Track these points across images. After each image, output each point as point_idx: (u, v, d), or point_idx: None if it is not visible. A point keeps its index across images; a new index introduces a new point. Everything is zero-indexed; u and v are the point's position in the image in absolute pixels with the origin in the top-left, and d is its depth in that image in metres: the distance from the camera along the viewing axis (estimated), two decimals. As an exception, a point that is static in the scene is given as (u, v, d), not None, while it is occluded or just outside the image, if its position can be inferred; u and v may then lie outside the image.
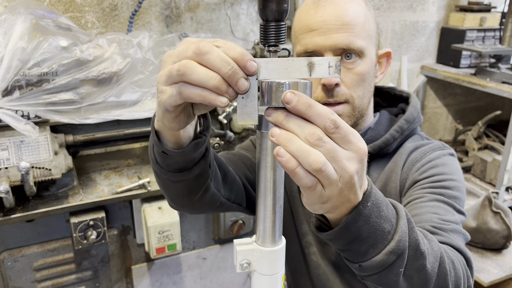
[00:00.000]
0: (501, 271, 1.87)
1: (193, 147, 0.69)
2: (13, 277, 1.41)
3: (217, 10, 1.97)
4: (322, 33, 0.85)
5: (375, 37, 0.90)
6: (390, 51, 0.96)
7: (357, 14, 0.86)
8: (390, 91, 1.06)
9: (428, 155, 0.89)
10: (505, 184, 2.14)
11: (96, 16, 1.76)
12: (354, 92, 0.88)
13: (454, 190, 0.83)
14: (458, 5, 2.55)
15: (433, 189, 0.82)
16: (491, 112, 2.31)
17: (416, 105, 0.97)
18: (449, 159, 0.89)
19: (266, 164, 0.72)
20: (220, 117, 1.41)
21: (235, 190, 0.92)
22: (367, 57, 0.88)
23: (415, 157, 0.90)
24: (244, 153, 1.02)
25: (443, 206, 0.79)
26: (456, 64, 2.46)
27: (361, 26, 0.86)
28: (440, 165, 0.86)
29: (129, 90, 1.31)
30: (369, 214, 0.54)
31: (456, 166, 0.89)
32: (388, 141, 0.92)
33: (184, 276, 1.74)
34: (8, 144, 1.25)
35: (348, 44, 0.84)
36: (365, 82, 0.89)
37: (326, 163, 0.47)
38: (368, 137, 0.95)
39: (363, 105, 0.91)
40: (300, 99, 0.47)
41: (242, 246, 0.79)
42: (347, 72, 0.87)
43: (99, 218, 1.39)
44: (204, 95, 0.50)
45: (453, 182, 0.84)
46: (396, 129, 0.93)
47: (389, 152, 0.94)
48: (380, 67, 0.96)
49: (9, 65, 1.17)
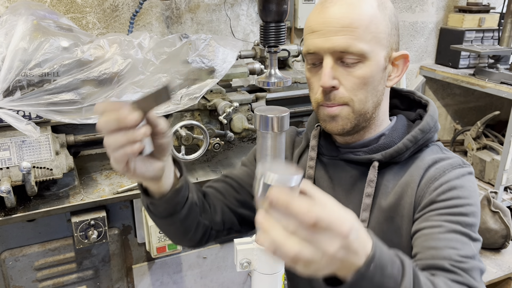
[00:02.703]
0: (500, 271, 1.87)
1: (174, 193, 0.82)
2: (14, 276, 1.42)
3: (217, 11, 1.98)
4: (322, 35, 0.84)
5: (386, 39, 0.87)
6: (407, 53, 0.91)
7: (362, 16, 0.83)
8: (410, 95, 1.02)
9: (448, 173, 0.86)
10: (503, 184, 2.15)
11: (97, 17, 1.77)
12: (354, 96, 0.86)
13: (471, 216, 0.81)
14: (457, 6, 2.56)
15: (450, 216, 0.80)
16: (490, 112, 2.31)
17: (433, 114, 0.93)
18: (468, 179, 0.86)
19: (266, 164, 0.73)
20: (220, 117, 1.42)
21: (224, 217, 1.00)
22: (371, 61, 0.85)
23: (433, 174, 0.86)
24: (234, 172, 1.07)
25: (461, 239, 0.78)
26: (455, 65, 2.47)
27: (364, 29, 0.83)
28: (458, 187, 0.83)
29: (130, 91, 1.32)
30: (372, 275, 0.56)
31: (473, 188, 0.86)
32: (401, 150, 0.90)
33: (185, 275, 1.75)
34: (10, 144, 1.25)
35: (347, 48, 0.83)
36: (367, 85, 0.86)
37: (300, 252, 0.50)
38: (380, 143, 0.92)
39: (366, 109, 0.88)
40: (279, 200, 0.50)
41: (242, 246, 0.80)
42: (347, 75, 0.85)
43: (100, 218, 1.39)
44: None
45: (471, 207, 0.82)
46: (410, 138, 0.90)
47: (401, 160, 0.91)
48: (396, 69, 0.92)
49: (11, 66, 1.17)
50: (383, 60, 0.87)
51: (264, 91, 1.68)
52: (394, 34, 0.89)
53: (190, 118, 1.46)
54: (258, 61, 1.71)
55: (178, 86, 1.37)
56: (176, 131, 1.38)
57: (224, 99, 1.47)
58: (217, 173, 1.56)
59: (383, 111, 0.94)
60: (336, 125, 0.89)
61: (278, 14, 1.03)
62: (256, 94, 1.58)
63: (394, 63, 0.91)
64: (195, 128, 1.42)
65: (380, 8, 0.86)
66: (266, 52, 1.21)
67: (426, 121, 0.91)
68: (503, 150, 2.12)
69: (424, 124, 0.91)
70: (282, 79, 1.25)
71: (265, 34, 1.11)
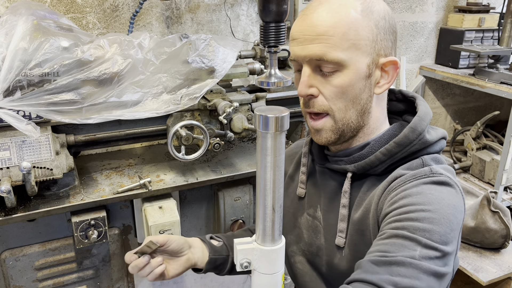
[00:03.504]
0: (499, 271, 1.88)
1: (209, 264, 1.09)
2: (14, 276, 1.42)
3: (218, 11, 1.98)
4: (299, 43, 0.84)
5: (369, 46, 0.82)
6: (396, 59, 0.86)
7: (339, 23, 0.80)
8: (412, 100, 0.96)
9: (407, 183, 0.79)
10: (503, 184, 2.15)
11: (97, 17, 1.77)
12: (333, 105, 0.84)
13: (424, 222, 0.71)
14: (456, 6, 2.56)
15: (396, 223, 0.73)
16: (490, 112, 2.32)
17: (416, 127, 0.84)
18: (430, 188, 0.77)
19: (266, 164, 0.73)
20: (220, 117, 1.42)
21: None
22: (349, 69, 0.82)
23: (393, 185, 0.81)
24: None
25: (400, 242, 0.70)
26: (455, 65, 2.47)
27: (341, 36, 0.80)
28: (413, 194, 0.76)
29: (130, 91, 1.32)
30: None
31: (437, 195, 0.76)
32: (373, 164, 0.85)
33: (185, 275, 1.75)
34: (10, 144, 1.25)
35: (322, 56, 0.81)
36: (346, 94, 0.83)
37: None
38: (360, 154, 0.88)
39: (348, 118, 0.85)
40: None
41: (242, 246, 0.80)
42: (326, 84, 0.84)
43: (100, 218, 1.39)
44: None
45: (425, 213, 0.72)
46: (383, 151, 0.85)
47: (377, 173, 0.87)
48: (386, 75, 0.87)
49: (11, 66, 1.17)
50: (365, 67, 0.83)
51: (264, 91, 1.68)
52: (383, 39, 0.84)
53: (190, 118, 1.46)
54: (258, 61, 1.71)
55: (178, 86, 1.38)
56: (176, 131, 1.38)
57: (224, 99, 1.47)
58: (217, 173, 1.57)
59: (375, 119, 0.90)
60: (320, 138, 0.89)
61: (278, 14, 1.03)
62: (256, 94, 1.58)
63: (384, 69, 0.86)
64: (195, 128, 1.42)
65: (364, 14, 0.82)
66: (266, 52, 1.22)
67: (404, 134, 0.84)
68: (502, 150, 2.12)
69: (401, 137, 0.84)
70: (282, 79, 1.25)
71: (265, 34, 1.11)
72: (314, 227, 0.98)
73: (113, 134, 1.47)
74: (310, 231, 0.98)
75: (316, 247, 0.97)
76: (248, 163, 1.65)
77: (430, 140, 0.85)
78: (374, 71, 0.85)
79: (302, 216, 1.01)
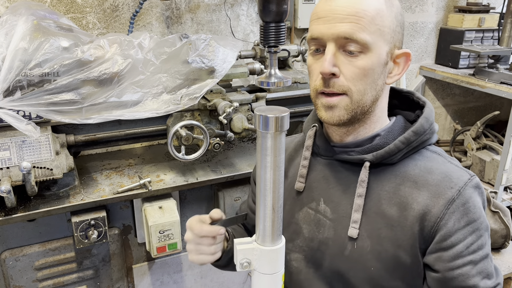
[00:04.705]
0: (499, 271, 1.88)
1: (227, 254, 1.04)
2: (14, 276, 1.42)
3: (217, 11, 1.98)
4: (327, 21, 0.85)
5: (389, 35, 0.87)
6: (409, 52, 0.91)
7: (369, 7, 0.84)
8: (409, 96, 1.02)
9: (462, 194, 0.86)
10: (503, 184, 2.15)
11: (97, 17, 1.77)
12: (353, 86, 0.86)
13: (484, 241, 0.86)
14: (457, 6, 2.56)
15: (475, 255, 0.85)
16: (490, 112, 2.32)
17: (429, 116, 0.92)
18: (478, 201, 0.88)
19: (266, 164, 0.73)
20: (220, 117, 1.42)
21: None
22: (373, 53, 0.85)
23: (450, 196, 0.85)
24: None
25: (481, 266, 0.85)
26: (455, 65, 2.48)
27: (369, 20, 0.83)
28: (477, 219, 0.86)
29: (130, 91, 1.32)
30: None
31: (481, 206, 0.89)
32: (392, 152, 0.89)
33: (185, 275, 1.75)
34: (10, 144, 1.25)
35: (351, 34, 0.83)
36: (367, 77, 0.86)
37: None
38: (374, 144, 0.92)
39: (365, 101, 0.88)
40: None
41: (242, 245, 0.80)
42: (348, 64, 0.85)
43: (100, 218, 1.39)
44: None
45: (485, 238, 0.87)
46: (402, 140, 0.89)
47: (393, 162, 0.91)
48: (397, 67, 0.91)
49: (11, 66, 1.17)
50: (385, 54, 0.87)
51: (264, 91, 1.68)
52: (399, 32, 0.89)
53: (190, 118, 1.46)
54: (258, 61, 1.71)
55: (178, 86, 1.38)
56: (176, 131, 1.38)
57: (224, 99, 1.47)
58: (217, 173, 1.57)
59: (381, 109, 0.94)
60: (332, 115, 0.89)
61: (278, 14, 1.03)
62: (256, 94, 1.58)
63: (396, 60, 0.91)
64: (195, 128, 1.42)
65: (388, 4, 0.86)
66: (266, 52, 1.22)
67: (420, 123, 0.91)
68: (502, 150, 2.12)
69: (417, 126, 0.90)
70: (282, 79, 1.25)
71: (265, 34, 1.11)
72: (316, 221, 0.97)
73: (113, 134, 1.47)
74: (311, 225, 0.97)
75: (318, 242, 0.96)
76: (248, 163, 1.65)
77: (436, 130, 0.93)
78: (389, 61, 0.89)
79: (300, 211, 1.00)
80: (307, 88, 1.75)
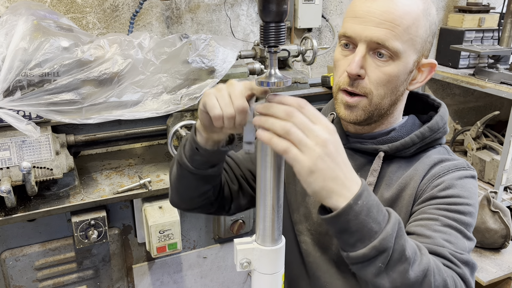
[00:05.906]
0: (499, 270, 1.88)
1: (216, 152, 0.89)
2: (14, 276, 1.42)
3: (218, 11, 1.98)
4: (363, 22, 0.85)
5: (420, 44, 0.87)
6: (435, 63, 0.92)
7: (406, 16, 0.84)
8: (424, 98, 1.04)
9: (451, 173, 0.88)
10: (503, 184, 2.15)
11: (97, 17, 1.77)
12: (375, 89, 0.87)
13: (468, 216, 0.84)
14: (456, 6, 2.56)
15: (448, 212, 0.83)
16: (490, 112, 2.31)
17: (443, 115, 0.95)
18: (470, 182, 0.89)
19: (266, 164, 0.73)
20: (220, 117, 1.42)
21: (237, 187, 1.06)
22: (402, 61, 0.86)
23: (437, 171, 0.89)
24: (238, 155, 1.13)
25: (455, 234, 0.82)
26: (455, 65, 2.47)
27: (405, 28, 0.84)
28: (459, 186, 0.86)
29: (130, 91, 1.32)
30: (359, 212, 0.65)
31: (474, 191, 0.89)
32: (407, 144, 0.91)
33: (185, 275, 1.75)
34: (10, 144, 1.26)
35: (384, 41, 0.83)
36: (390, 83, 0.87)
37: (292, 127, 0.64)
38: (389, 137, 0.94)
39: (382, 105, 0.90)
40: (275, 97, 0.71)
41: (242, 245, 0.80)
42: (375, 69, 0.86)
43: (100, 218, 1.39)
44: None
45: (469, 207, 0.85)
46: (417, 134, 0.92)
47: (407, 155, 0.93)
48: (420, 75, 0.93)
49: (11, 66, 1.17)
50: (411, 63, 0.88)
51: (264, 91, 1.68)
52: (430, 42, 0.90)
53: (190, 118, 1.46)
54: (258, 61, 1.71)
55: (178, 86, 1.38)
56: (176, 131, 1.38)
57: (224, 99, 1.47)
58: (217, 173, 1.57)
59: (399, 111, 0.96)
60: (350, 114, 0.91)
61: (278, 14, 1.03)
62: (256, 94, 1.58)
63: (421, 69, 0.92)
64: (195, 128, 1.42)
65: (425, 14, 0.86)
66: (266, 52, 1.21)
67: (436, 120, 0.93)
68: (502, 150, 2.12)
69: (433, 122, 0.93)
70: (282, 79, 1.24)
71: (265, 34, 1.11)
72: None
73: (113, 134, 1.47)
74: None
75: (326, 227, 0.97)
76: (248, 163, 1.65)
77: (447, 132, 0.96)
78: (414, 69, 0.91)
79: None
80: (307, 88, 1.75)
